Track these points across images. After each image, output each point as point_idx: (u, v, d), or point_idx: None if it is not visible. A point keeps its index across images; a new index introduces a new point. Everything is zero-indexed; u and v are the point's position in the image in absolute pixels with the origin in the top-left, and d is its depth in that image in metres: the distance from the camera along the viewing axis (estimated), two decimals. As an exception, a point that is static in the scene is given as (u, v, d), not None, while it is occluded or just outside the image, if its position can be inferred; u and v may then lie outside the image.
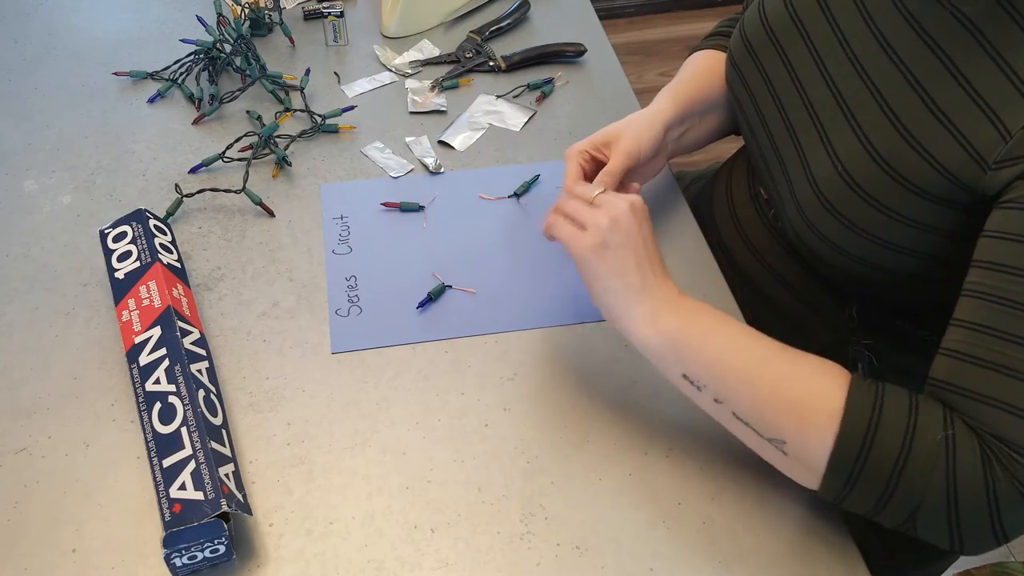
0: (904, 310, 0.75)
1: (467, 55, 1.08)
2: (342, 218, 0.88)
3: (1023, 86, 0.57)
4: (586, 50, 1.09)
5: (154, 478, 0.61)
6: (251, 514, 0.62)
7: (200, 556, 0.60)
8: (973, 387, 0.56)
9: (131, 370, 0.69)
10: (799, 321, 0.83)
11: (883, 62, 0.66)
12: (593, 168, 0.79)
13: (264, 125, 0.98)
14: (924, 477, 0.55)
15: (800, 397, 0.59)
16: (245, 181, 0.89)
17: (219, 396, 0.69)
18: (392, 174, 0.93)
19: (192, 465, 0.61)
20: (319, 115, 0.99)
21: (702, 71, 0.88)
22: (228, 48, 1.07)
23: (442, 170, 0.94)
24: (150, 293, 0.73)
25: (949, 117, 0.61)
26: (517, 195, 0.91)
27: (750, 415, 0.61)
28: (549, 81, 1.05)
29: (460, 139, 0.98)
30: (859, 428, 0.56)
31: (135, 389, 0.67)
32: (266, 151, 0.95)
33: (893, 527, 0.58)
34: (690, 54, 0.93)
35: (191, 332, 0.71)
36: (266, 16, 1.13)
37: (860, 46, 0.69)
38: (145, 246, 0.77)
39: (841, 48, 0.70)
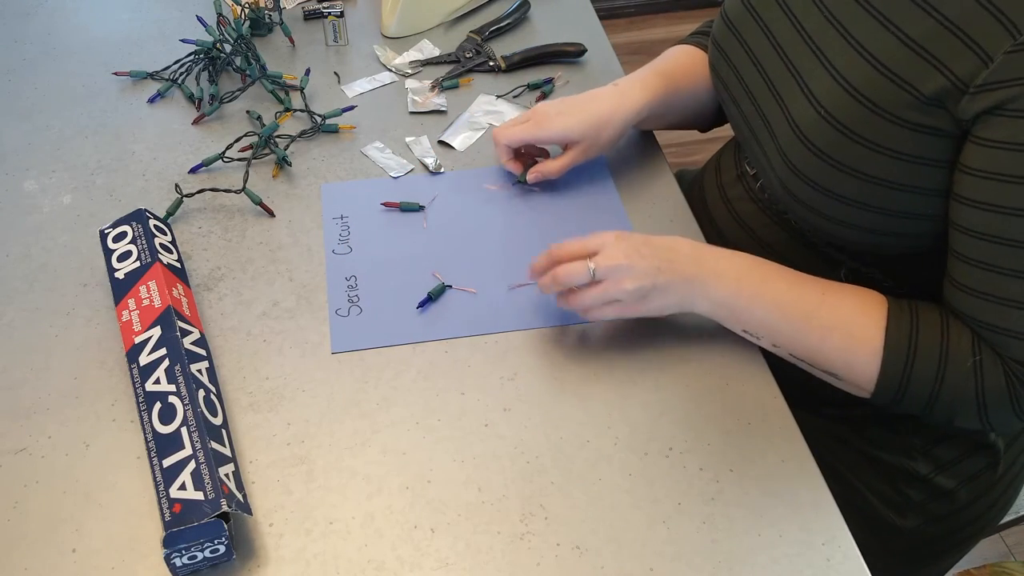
0: (894, 270, 0.76)
1: (467, 55, 1.08)
2: (342, 218, 0.88)
3: (998, 12, 0.59)
4: (586, 50, 1.09)
5: (154, 478, 0.61)
6: (251, 514, 0.62)
7: (200, 556, 0.60)
8: (992, 321, 0.64)
9: (131, 370, 0.69)
10: None
11: (849, 5, 0.69)
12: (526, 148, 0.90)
13: (264, 125, 0.98)
14: (958, 399, 0.66)
15: (845, 345, 0.69)
16: (245, 181, 0.89)
17: (219, 396, 0.69)
18: (392, 174, 0.93)
19: (192, 465, 0.61)
20: (319, 115, 0.99)
21: (686, 66, 0.92)
22: (228, 48, 1.07)
23: (442, 170, 0.94)
24: (150, 293, 0.73)
25: (925, 47, 0.63)
26: (521, 181, 0.90)
27: (805, 356, 0.72)
28: (549, 81, 1.05)
29: (460, 139, 0.98)
30: (898, 365, 0.67)
31: (135, 389, 0.67)
32: (266, 151, 0.95)
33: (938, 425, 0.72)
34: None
35: (191, 332, 0.71)
36: (266, 16, 1.13)
37: None
38: (145, 246, 0.77)
39: (811, 2, 0.73)
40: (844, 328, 0.69)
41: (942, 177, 0.66)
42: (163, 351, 0.68)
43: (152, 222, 0.80)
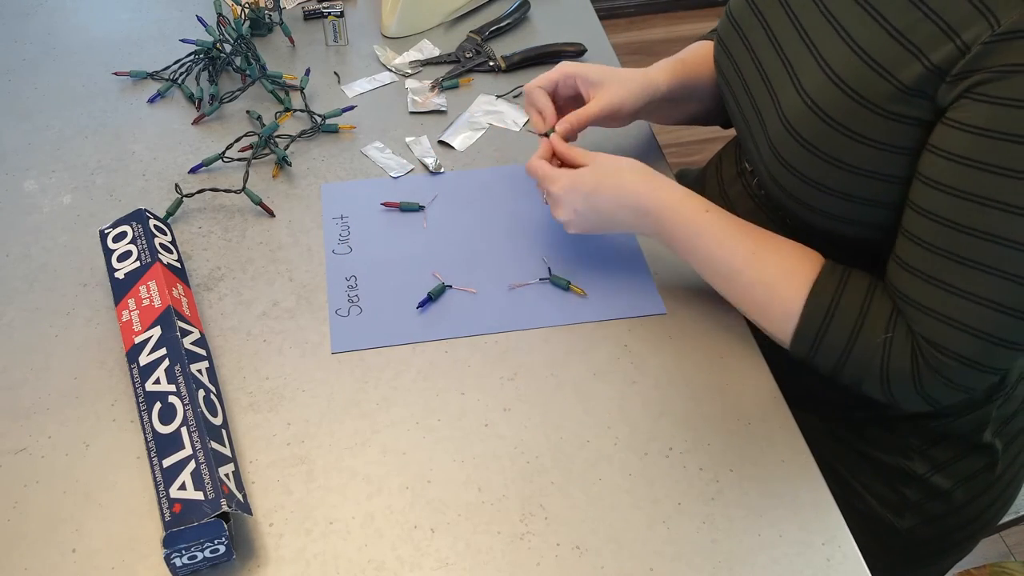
0: (884, 261, 0.76)
1: (467, 55, 1.08)
2: (342, 218, 0.88)
3: (980, 3, 0.59)
4: (586, 50, 1.09)
5: (154, 478, 0.61)
6: (251, 514, 0.62)
7: (200, 556, 0.60)
8: (932, 305, 0.64)
9: (131, 370, 0.69)
10: None
11: None
12: (568, 98, 0.89)
13: (264, 125, 0.98)
14: (864, 369, 0.68)
15: (765, 301, 0.72)
16: (245, 181, 0.89)
17: (219, 396, 0.69)
18: (392, 174, 0.93)
19: (192, 465, 0.61)
20: (319, 115, 0.99)
21: (703, 57, 0.92)
22: (228, 48, 1.07)
23: (442, 170, 0.94)
24: (150, 293, 0.73)
25: (907, 37, 0.63)
26: (547, 134, 0.85)
27: (733, 303, 0.76)
28: (549, 81, 1.05)
29: (460, 139, 0.98)
30: (811, 329, 0.69)
31: (135, 389, 0.67)
32: (266, 151, 0.95)
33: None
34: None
35: (191, 332, 0.71)
36: (266, 16, 1.13)
37: None
38: (145, 246, 0.77)
39: None
40: (767, 285, 0.72)
41: None
42: (163, 351, 0.68)
43: (152, 222, 0.80)
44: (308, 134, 0.98)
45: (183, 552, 0.59)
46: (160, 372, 0.67)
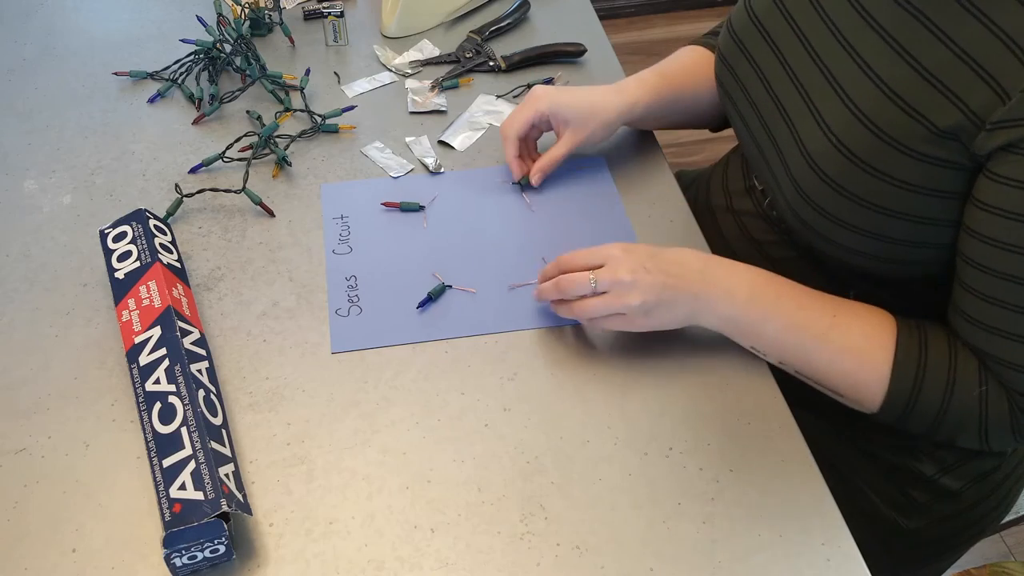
0: (902, 292, 0.76)
1: (467, 55, 1.08)
2: (342, 218, 0.88)
3: (1013, 44, 0.58)
4: (586, 50, 1.09)
5: (154, 478, 0.61)
6: (251, 514, 0.62)
7: (200, 556, 0.60)
8: (998, 353, 0.65)
9: (131, 370, 0.69)
10: None
11: (864, 31, 0.68)
12: (536, 135, 0.91)
13: (264, 125, 0.98)
14: (963, 424, 0.67)
15: (853, 368, 0.69)
16: (245, 181, 0.89)
17: (219, 396, 0.69)
18: (392, 174, 0.93)
19: (192, 465, 0.61)
20: (319, 115, 0.99)
21: (689, 68, 0.91)
22: (228, 48, 1.07)
23: (442, 170, 0.94)
24: (150, 293, 0.73)
25: (940, 79, 0.62)
26: (521, 184, 0.91)
27: (812, 375, 0.71)
28: (549, 81, 1.05)
29: (460, 139, 0.98)
30: (904, 391, 0.67)
31: (135, 389, 0.67)
32: (266, 151, 0.95)
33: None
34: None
35: (191, 332, 0.71)
36: (266, 16, 1.13)
37: (841, 19, 0.70)
38: (145, 246, 0.77)
39: (823, 24, 0.72)
40: (854, 351, 0.69)
41: (955, 208, 0.65)
42: (163, 351, 0.68)
43: (152, 222, 0.80)
44: (308, 134, 0.98)
45: (183, 552, 0.59)
46: (160, 372, 0.67)
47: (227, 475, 0.62)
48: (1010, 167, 0.59)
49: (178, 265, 0.78)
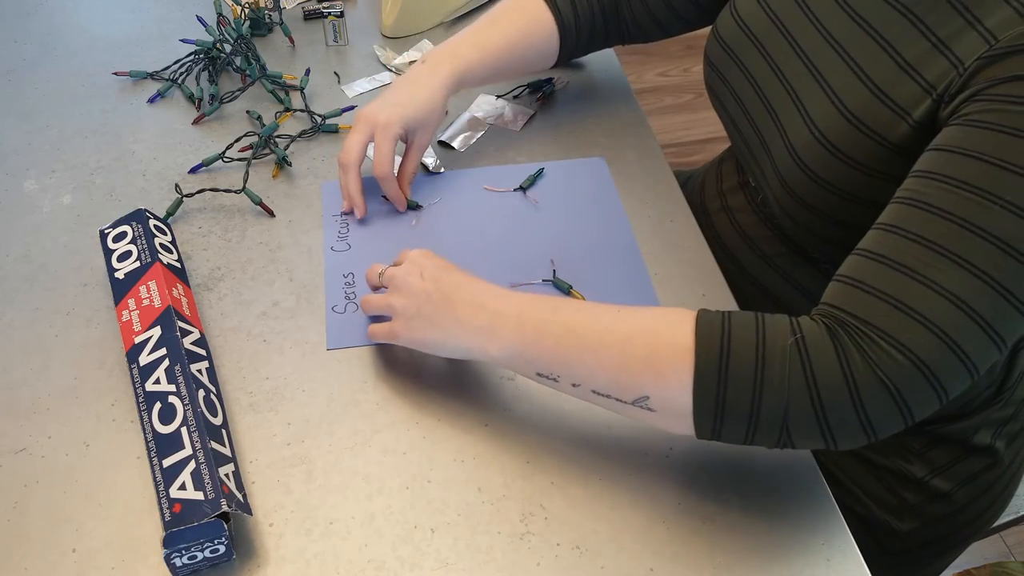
0: None
1: (467, 55, 1.08)
2: (342, 215, 0.88)
3: (988, 35, 0.58)
4: (586, 50, 1.08)
5: (154, 478, 0.61)
6: (251, 514, 0.62)
7: (200, 556, 0.60)
8: (877, 284, 0.56)
9: (131, 370, 0.69)
10: (789, 303, 0.83)
11: (847, 24, 0.68)
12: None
13: (264, 125, 0.98)
14: (784, 382, 0.55)
15: (650, 349, 0.59)
16: (245, 181, 0.89)
17: (219, 396, 0.69)
18: (392, 174, 0.93)
19: (192, 465, 0.61)
20: (319, 115, 0.99)
21: (507, 38, 0.91)
22: (228, 48, 1.07)
23: (442, 170, 0.94)
24: (150, 293, 0.73)
25: (919, 71, 0.62)
26: (523, 188, 0.91)
27: (608, 386, 0.60)
28: (549, 81, 1.05)
29: (460, 139, 0.98)
30: (712, 354, 0.56)
31: (135, 389, 0.67)
32: (266, 151, 0.95)
33: (772, 447, 0.59)
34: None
35: (191, 332, 0.71)
36: (266, 16, 1.13)
37: (824, 14, 0.71)
38: (145, 246, 0.77)
39: (807, 18, 0.72)
40: (647, 331, 0.59)
41: None
42: (163, 351, 0.68)
43: (152, 222, 0.80)
44: (308, 134, 0.98)
45: (183, 552, 0.59)
46: (160, 372, 0.67)
47: (227, 475, 0.62)
48: (971, 107, 0.58)
49: (178, 265, 0.78)
